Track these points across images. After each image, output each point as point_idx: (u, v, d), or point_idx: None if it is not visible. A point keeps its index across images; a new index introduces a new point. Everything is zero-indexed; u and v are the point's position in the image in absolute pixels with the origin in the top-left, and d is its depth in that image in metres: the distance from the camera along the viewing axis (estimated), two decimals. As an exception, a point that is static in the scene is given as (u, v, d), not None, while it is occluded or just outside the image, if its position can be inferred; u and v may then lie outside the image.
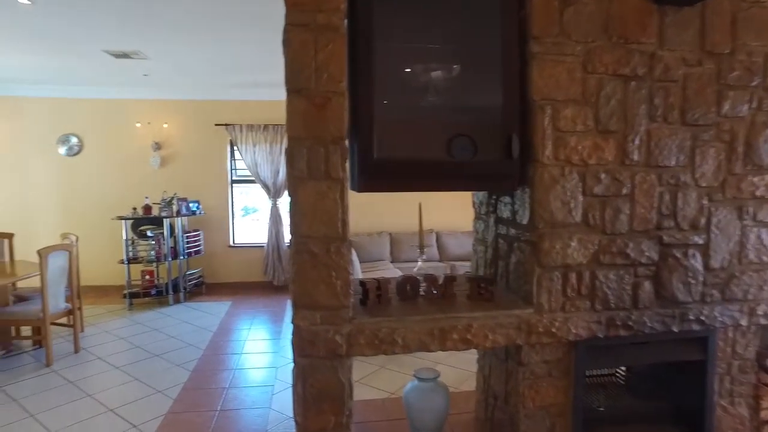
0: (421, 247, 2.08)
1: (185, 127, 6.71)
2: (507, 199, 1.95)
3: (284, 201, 6.90)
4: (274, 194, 6.74)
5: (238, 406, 3.29)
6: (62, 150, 6.56)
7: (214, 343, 4.60)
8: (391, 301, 1.80)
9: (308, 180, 1.50)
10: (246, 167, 6.71)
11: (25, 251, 5.19)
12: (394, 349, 1.61)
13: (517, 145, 1.66)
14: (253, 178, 6.77)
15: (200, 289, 6.57)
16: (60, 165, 6.59)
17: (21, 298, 4.75)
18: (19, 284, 4.79)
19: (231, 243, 6.94)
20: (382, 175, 1.60)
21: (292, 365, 1.60)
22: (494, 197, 2.10)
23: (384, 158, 1.57)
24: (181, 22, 3.80)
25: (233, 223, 7.01)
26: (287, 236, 6.85)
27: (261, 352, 4.37)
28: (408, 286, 1.82)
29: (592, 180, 1.73)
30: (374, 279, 1.81)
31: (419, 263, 2.07)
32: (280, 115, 6.06)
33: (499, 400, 2.00)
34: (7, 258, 5.09)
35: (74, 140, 6.57)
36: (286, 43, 1.51)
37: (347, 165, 1.55)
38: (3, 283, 4.17)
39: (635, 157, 1.73)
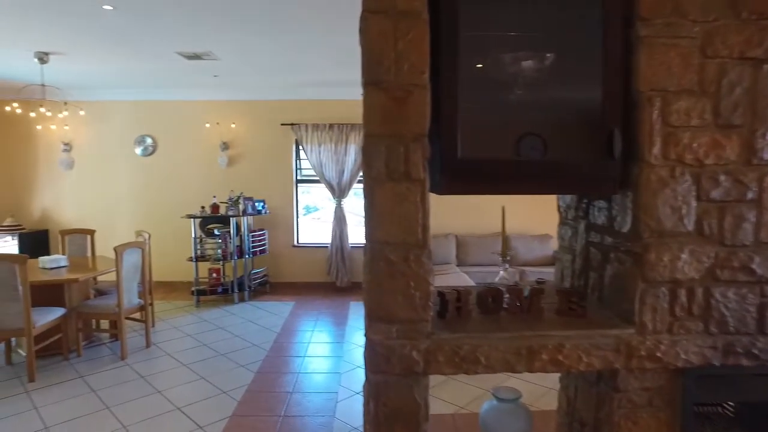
0: (504, 254, 1.93)
1: (252, 126, 6.88)
2: (602, 203, 1.76)
3: (348, 201, 6.91)
4: (338, 194, 6.76)
5: (302, 412, 3.27)
6: (138, 150, 6.94)
7: (278, 344, 4.65)
8: (471, 314, 1.67)
9: (386, 181, 1.40)
10: (311, 167, 6.78)
11: (106, 247, 5.49)
12: (476, 369, 1.49)
13: (620, 142, 1.48)
14: (317, 178, 6.83)
15: (265, 288, 6.71)
16: (136, 165, 6.98)
17: (100, 292, 5.04)
18: (99, 279, 5.08)
19: (295, 243, 7.04)
20: (467, 176, 1.47)
21: (355, 371, 1.51)
22: (585, 201, 1.92)
23: (469, 158, 1.45)
24: (250, 22, 3.85)
25: (297, 223, 7.11)
26: (351, 237, 6.89)
27: (324, 356, 4.35)
28: (490, 298, 1.69)
29: (708, 182, 1.51)
30: (454, 289, 1.69)
31: (501, 272, 1.92)
32: (346, 114, 6.11)
33: (586, 428, 1.82)
34: (89, 253, 5.42)
35: (149, 141, 6.92)
36: (363, 31, 1.41)
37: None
38: (85, 278, 4.41)
39: (765, 155, 1.50)
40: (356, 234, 7.17)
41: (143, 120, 6.92)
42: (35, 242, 6.79)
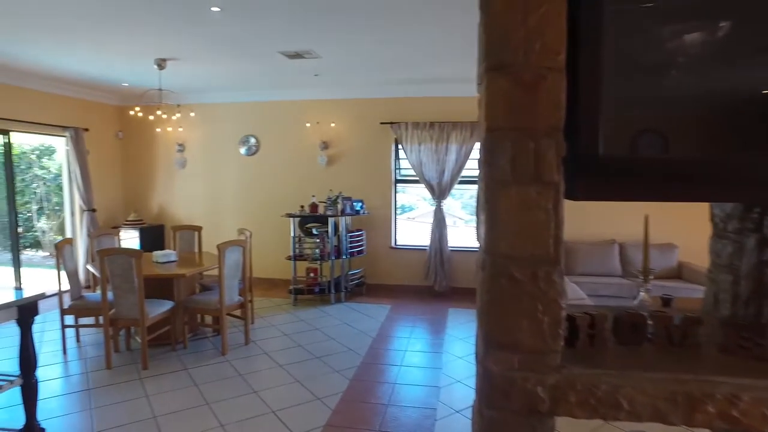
0: (646, 273, 1.64)
1: (351, 125, 6.94)
2: (784, 213, 1.42)
3: (449, 203, 6.71)
4: (438, 195, 6.59)
5: (398, 428, 3.14)
6: (243, 150, 7.29)
7: (374, 350, 4.59)
8: (606, 344, 1.41)
9: (511, 183, 1.20)
10: (410, 166, 6.67)
11: (212, 243, 5.80)
12: (617, 415, 1.23)
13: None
14: (416, 178, 6.72)
15: (361, 289, 6.73)
16: (240, 164, 7.34)
17: (205, 288, 5.32)
18: (204, 274, 5.37)
19: (393, 244, 6.99)
20: (611, 178, 1.23)
21: (455, 386, 1.33)
22: (758, 210, 1.57)
23: (613, 156, 1.20)
24: (352, 17, 3.81)
25: (395, 224, 7.05)
26: (451, 240, 6.69)
27: (422, 367, 4.20)
28: (631, 325, 1.42)
29: None
30: (586, 313, 1.44)
31: (641, 294, 1.63)
32: (447, 112, 5.88)
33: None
34: (196, 249, 5.76)
35: (253, 141, 7.25)
36: (485, 5, 1.22)
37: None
38: (191, 273, 4.66)
39: None
40: (456, 237, 6.96)
41: (248, 120, 7.27)
42: (153, 236, 7.40)
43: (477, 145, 6.48)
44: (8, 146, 6.12)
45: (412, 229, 7.35)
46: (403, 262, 6.94)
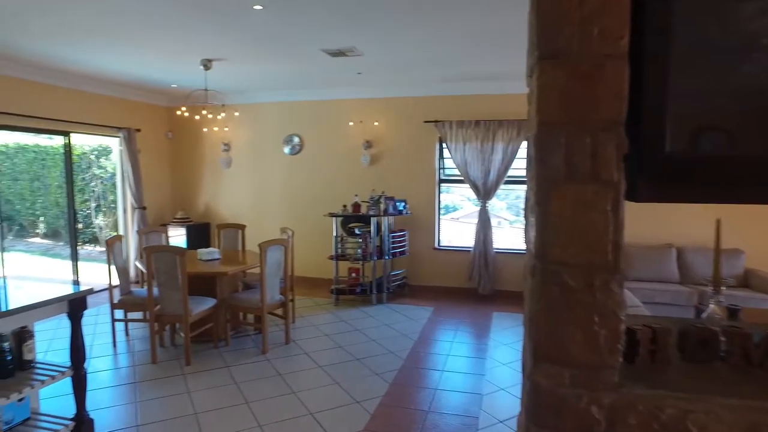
0: (717, 282, 1.49)
1: (395, 124, 6.88)
2: None
3: (494, 203, 6.55)
4: (483, 196, 6.43)
5: (439, 435, 3.06)
6: (286, 149, 7.36)
7: (415, 353, 4.51)
8: (670, 362, 1.28)
9: (565, 182, 1.10)
10: (455, 166, 6.55)
11: (255, 241, 5.86)
12: (684, 442, 1.11)
13: None
14: (461, 178, 6.59)
15: (403, 290, 6.66)
16: (284, 163, 7.42)
17: (248, 286, 5.39)
18: (247, 272, 5.43)
19: (436, 245, 6.88)
20: (677, 177, 1.10)
21: (499, 394, 1.23)
22: None
23: (681, 153, 1.08)
24: (395, 12, 3.74)
25: (439, 225, 6.93)
26: (496, 242, 6.53)
27: (464, 373, 4.09)
28: (700, 342, 1.28)
29: None
30: (646, 325, 1.31)
31: (711, 306, 1.48)
32: (493, 110, 5.71)
33: None
34: (239, 247, 5.84)
35: (296, 140, 7.31)
36: (538, -10, 1.13)
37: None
38: (234, 272, 4.73)
39: None
40: (501, 238, 6.78)
41: (291, 120, 7.33)
42: (199, 234, 7.59)
43: (524, 144, 6.32)
44: (68, 147, 6.41)
45: (456, 230, 7.22)
46: (446, 263, 6.82)
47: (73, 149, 9.41)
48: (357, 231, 6.30)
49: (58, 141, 6.43)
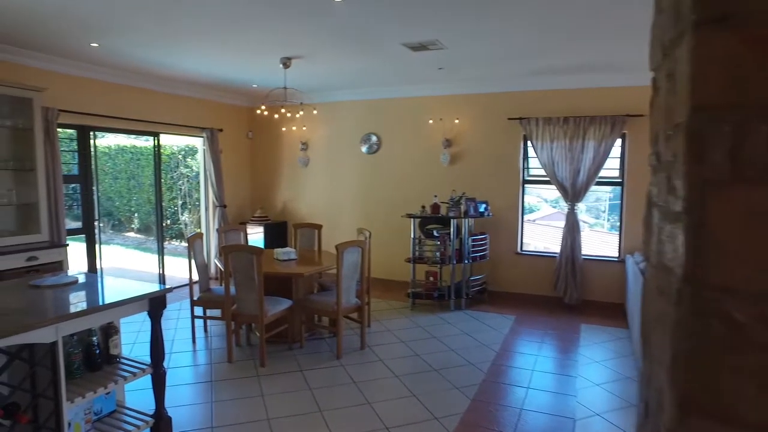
0: None
1: (476, 122, 6.60)
2: None
3: (583, 206, 6.09)
4: (571, 197, 6.00)
5: (527, 463, 2.80)
6: (364, 148, 7.31)
7: (497, 366, 4.24)
8: None
9: (732, 184, 0.85)
10: (540, 166, 6.17)
11: (331, 241, 5.85)
12: None
13: None
14: (547, 179, 6.19)
15: (482, 296, 6.37)
16: (361, 162, 7.36)
17: (323, 287, 5.35)
18: (323, 273, 5.40)
19: (518, 250, 6.52)
20: None
21: (593, 420, 0.99)
22: None
23: None
24: (481, 1, 3.51)
25: (522, 228, 6.57)
26: (585, 247, 6.07)
27: (552, 392, 3.77)
28: None
29: None
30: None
31: None
32: (583, 106, 5.27)
33: None
34: (315, 247, 5.83)
35: (374, 139, 7.23)
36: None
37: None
38: (310, 273, 4.70)
39: None
40: (590, 244, 6.31)
41: (369, 118, 7.27)
42: (276, 233, 7.73)
43: (618, 142, 5.82)
44: (157, 147, 6.74)
45: (535, 233, 6.81)
46: (529, 269, 6.45)
47: (163, 149, 9.99)
48: (435, 233, 6.11)
49: (150, 142, 6.77)
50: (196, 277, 4.85)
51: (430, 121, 6.75)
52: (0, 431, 2.48)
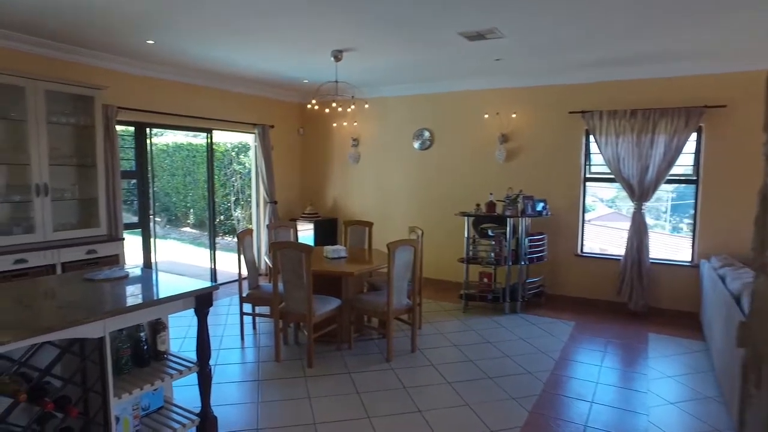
0: None
1: (535, 116, 6.26)
2: None
3: (651, 205, 5.65)
4: (639, 196, 5.57)
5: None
6: (416, 144, 7.10)
7: (557, 376, 3.94)
8: None
9: None
10: (604, 162, 5.76)
11: (382, 239, 5.69)
12: None
13: None
14: (611, 176, 5.78)
15: (539, 300, 6.04)
16: (414, 159, 7.17)
17: (374, 287, 5.21)
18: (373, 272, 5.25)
19: (578, 251, 6.14)
20: None
21: None
22: None
23: None
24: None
25: (582, 229, 6.18)
26: (652, 251, 5.62)
27: (619, 408, 3.43)
28: None
29: None
30: None
31: None
32: (653, 98, 4.83)
33: None
34: (366, 245, 5.69)
35: (426, 134, 7.01)
36: None
37: None
38: (360, 272, 4.55)
39: None
40: (658, 247, 5.85)
41: (422, 113, 7.05)
42: (326, 230, 7.66)
43: (693, 136, 5.34)
44: (210, 144, 6.80)
45: (590, 233, 6.37)
46: (590, 272, 6.05)
47: (217, 147, 10.17)
48: (490, 232, 5.83)
49: (204, 139, 6.85)
50: (245, 273, 4.82)
51: (486, 116, 6.46)
52: (52, 423, 2.47)
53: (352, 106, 5.74)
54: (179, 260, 9.28)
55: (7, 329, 2.17)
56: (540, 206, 5.83)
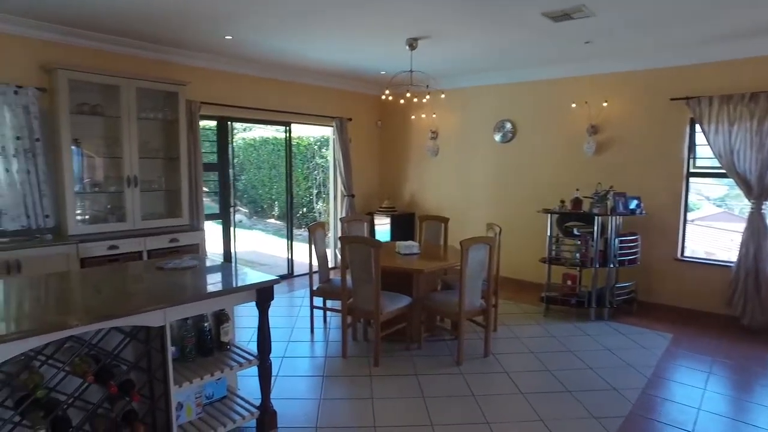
0: None
1: (630, 105, 5.66)
2: None
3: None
4: (758, 195, 4.82)
5: None
6: (497, 137, 6.72)
7: (649, 397, 3.47)
8: None
9: None
10: (713, 155, 5.06)
11: (459, 236, 5.41)
12: None
13: None
14: (722, 171, 5.07)
15: (630, 307, 5.46)
16: (494, 152, 6.79)
17: (447, 285, 4.96)
18: (448, 270, 5.00)
19: (679, 255, 5.47)
20: None
21: None
22: None
23: None
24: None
25: (684, 230, 5.50)
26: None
27: (726, 438, 2.95)
28: None
29: None
30: None
31: None
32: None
33: None
34: (441, 241, 5.45)
35: (508, 126, 6.61)
36: None
37: None
38: (431, 269, 4.32)
39: None
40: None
41: (504, 104, 6.65)
42: (403, 225, 7.49)
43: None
44: (289, 137, 6.88)
45: (693, 235, 5.62)
46: (692, 279, 5.36)
47: (300, 140, 10.35)
48: (576, 231, 5.35)
49: (284, 133, 6.93)
50: (317, 266, 4.77)
51: (573, 105, 5.94)
52: (120, 404, 2.52)
53: (428, 97, 5.50)
54: (261, 251, 9.55)
55: (78, 313, 2.22)
56: (633, 204, 5.25)
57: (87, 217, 4.79)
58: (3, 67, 4.25)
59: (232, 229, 6.17)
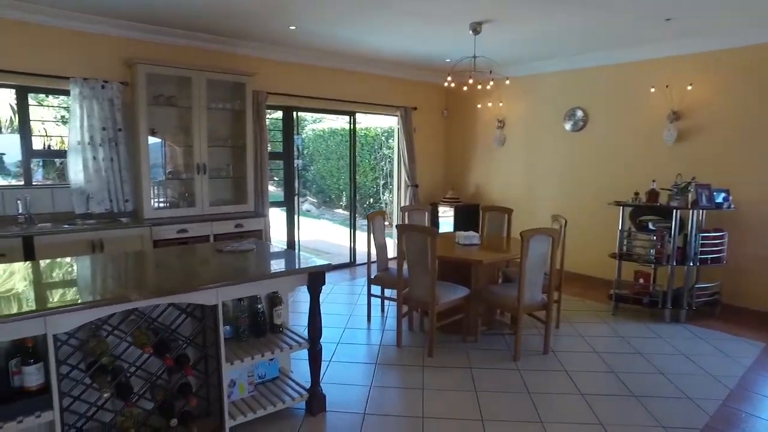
0: None
1: (722, 86, 5.10)
2: None
3: None
4: None
5: None
6: (568, 125, 6.35)
7: (730, 410, 3.11)
8: None
9: None
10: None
11: (523, 227, 5.18)
12: None
13: None
14: (826, 161, 4.48)
15: (713, 310, 4.97)
16: (564, 141, 6.43)
17: (508, 278, 4.76)
18: (511, 263, 4.79)
19: (772, 255, 4.92)
20: None
21: None
22: None
23: None
24: None
25: (780, 227, 4.93)
26: None
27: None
28: None
29: None
30: None
31: None
32: None
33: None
34: (504, 233, 5.23)
35: (579, 114, 6.22)
36: None
37: None
38: (490, 260, 4.15)
39: None
40: None
41: (574, 91, 6.26)
42: (467, 215, 7.28)
43: None
44: (353, 127, 6.88)
45: None
46: (789, 281, 4.80)
47: (367, 131, 10.37)
48: (651, 226, 4.94)
49: (349, 123, 6.94)
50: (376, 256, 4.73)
51: (652, 90, 5.46)
52: (176, 377, 2.61)
53: (491, 83, 5.27)
54: (327, 239, 9.69)
55: (139, 289, 2.32)
56: (720, 197, 4.76)
57: (161, 202, 5.05)
58: (92, 63, 4.58)
59: (296, 216, 6.27)
